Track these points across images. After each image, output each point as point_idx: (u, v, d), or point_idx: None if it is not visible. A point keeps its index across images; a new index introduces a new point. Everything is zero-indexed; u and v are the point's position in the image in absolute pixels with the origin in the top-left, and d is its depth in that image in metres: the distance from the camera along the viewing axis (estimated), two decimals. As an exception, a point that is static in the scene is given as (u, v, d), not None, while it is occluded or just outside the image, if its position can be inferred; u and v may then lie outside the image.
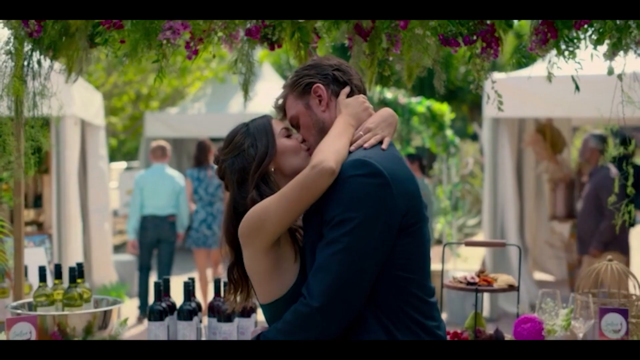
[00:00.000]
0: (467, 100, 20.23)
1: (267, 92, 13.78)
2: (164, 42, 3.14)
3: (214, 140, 14.69)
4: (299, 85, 2.68)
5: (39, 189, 9.26)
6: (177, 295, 3.47)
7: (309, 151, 2.68)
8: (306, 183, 2.44)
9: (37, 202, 9.22)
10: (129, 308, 9.72)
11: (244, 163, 2.65)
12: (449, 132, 9.66)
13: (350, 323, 2.44)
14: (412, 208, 2.50)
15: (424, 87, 15.67)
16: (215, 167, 2.79)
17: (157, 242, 9.17)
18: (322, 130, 2.62)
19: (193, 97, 15.38)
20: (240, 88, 3.45)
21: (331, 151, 2.47)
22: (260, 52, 15.70)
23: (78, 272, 3.46)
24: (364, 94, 2.73)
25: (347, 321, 2.42)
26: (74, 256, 8.27)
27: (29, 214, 8.98)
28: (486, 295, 8.22)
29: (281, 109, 2.77)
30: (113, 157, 25.91)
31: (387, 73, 3.40)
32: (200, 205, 9.53)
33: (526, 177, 10.66)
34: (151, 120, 14.11)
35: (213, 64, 15.20)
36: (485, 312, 8.68)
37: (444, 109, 9.65)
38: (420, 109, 9.37)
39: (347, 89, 2.64)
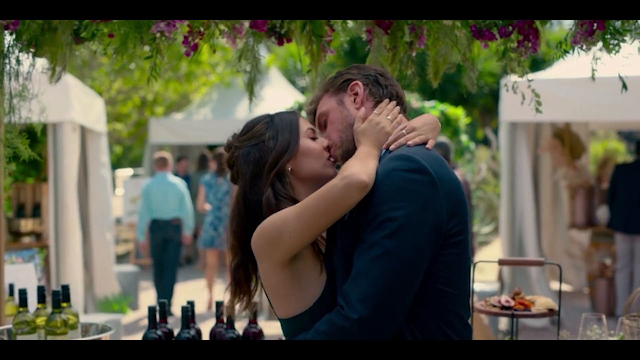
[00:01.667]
0: (478, 105, 19.83)
1: (274, 98, 13.45)
2: (158, 35, 2.76)
3: (220, 146, 14.38)
4: (337, 82, 2.51)
5: (38, 198, 8.89)
6: (179, 304, 3.09)
7: (329, 160, 2.47)
8: (333, 196, 2.18)
9: (35, 211, 8.85)
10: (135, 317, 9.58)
11: (260, 155, 2.42)
12: (463, 138, 9.26)
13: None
14: (457, 213, 2.23)
15: (435, 91, 15.26)
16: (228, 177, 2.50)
17: (164, 243, 10.00)
18: (350, 127, 2.43)
19: (199, 102, 15.04)
20: (245, 88, 3.06)
21: (362, 166, 2.22)
22: (267, 57, 15.37)
23: (63, 296, 3.08)
24: (403, 104, 2.50)
25: (388, 336, 2.15)
26: (73, 268, 7.92)
27: (27, 224, 8.62)
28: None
29: (312, 112, 2.57)
30: (119, 164, 25.65)
31: (410, 70, 3.01)
32: (210, 209, 10.45)
33: (543, 183, 10.28)
34: (156, 127, 13.79)
35: (219, 68, 14.87)
36: (502, 324, 8.29)
37: (459, 114, 9.26)
38: (434, 113, 8.97)
39: (362, 112, 2.43)
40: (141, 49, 2.95)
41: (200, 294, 11.07)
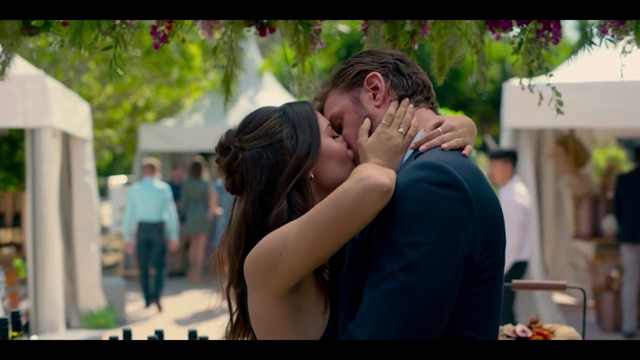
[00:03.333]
0: (476, 112, 19.44)
1: (268, 103, 13.03)
2: (118, 22, 2.36)
3: (212, 155, 14.00)
4: (348, 75, 2.02)
5: (18, 207, 8.50)
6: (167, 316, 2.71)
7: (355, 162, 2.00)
8: (345, 204, 1.71)
9: (16, 221, 8.46)
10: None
11: (277, 159, 1.94)
12: (464, 144, 8.85)
13: None
14: (493, 243, 1.78)
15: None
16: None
17: (149, 244, 10.70)
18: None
19: (190, 109, 14.66)
20: (221, 84, 2.66)
21: (379, 168, 1.76)
22: (261, 63, 14.99)
23: (13, 324, 2.68)
24: (431, 95, 2.07)
25: None
26: (52, 281, 7.51)
27: (6, 235, 8.24)
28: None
29: (318, 111, 2.09)
30: (112, 172, 25.25)
31: None
32: (224, 212, 11.04)
33: (545, 192, 9.92)
34: (146, 133, 13.42)
35: (211, 74, 14.50)
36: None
37: (459, 119, 8.85)
38: (433, 119, 8.57)
39: (367, 124, 1.98)
40: (103, 39, 2.56)
41: (192, 306, 10.72)
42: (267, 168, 1.94)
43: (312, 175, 1.95)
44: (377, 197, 1.68)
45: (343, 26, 11.77)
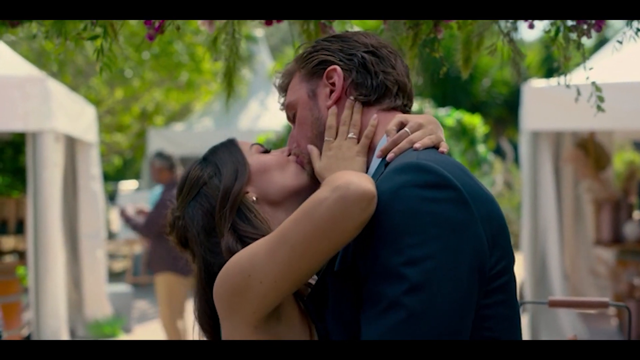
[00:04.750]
0: (492, 115, 19.18)
1: (280, 107, 12.87)
2: (105, 9, 2.11)
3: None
4: (310, 61, 1.75)
5: (21, 213, 8.28)
6: None
7: (298, 160, 1.78)
8: (322, 216, 1.44)
9: (19, 227, 8.23)
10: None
11: (209, 201, 1.76)
12: (481, 148, 8.57)
13: None
14: (500, 244, 1.52)
15: (446, 98, 14.62)
16: None
17: None
18: (321, 136, 1.72)
19: (200, 112, 14.47)
20: (222, 79, 2.39)
21: (356, 174, 1.50)
22: (272, 65, 14.78)
23: (-7, 345, 2.42)
24: (408, 99, 1.76)
25: None
26: (54, 289, 7.26)
27: (8, 242, 7.99)
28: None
29: (283, 89, 1.85)
30: (122, 176, 25.12)
31: (438, 55, 2.29)
32: None
33: (564, 197, 9.61)
34: (155, 137, 13.23)
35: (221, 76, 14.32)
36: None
37: (476, 122, 8.58)
38: (450, 121, 8.30)
39: (315, 153, 1.74)
40: (92, 29, 2.31)
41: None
42: (202, 215, 1.77)
43: (255, 198, 1.75)
44: (360, 206, 1.42)
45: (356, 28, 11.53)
